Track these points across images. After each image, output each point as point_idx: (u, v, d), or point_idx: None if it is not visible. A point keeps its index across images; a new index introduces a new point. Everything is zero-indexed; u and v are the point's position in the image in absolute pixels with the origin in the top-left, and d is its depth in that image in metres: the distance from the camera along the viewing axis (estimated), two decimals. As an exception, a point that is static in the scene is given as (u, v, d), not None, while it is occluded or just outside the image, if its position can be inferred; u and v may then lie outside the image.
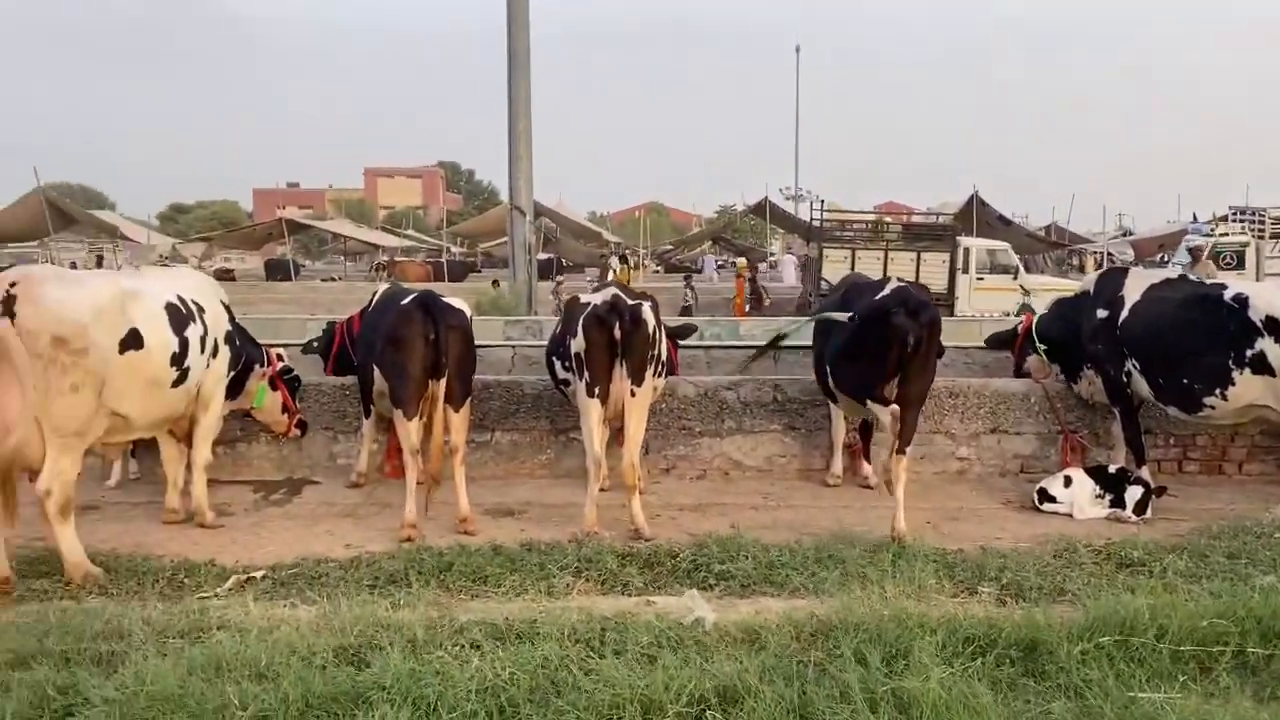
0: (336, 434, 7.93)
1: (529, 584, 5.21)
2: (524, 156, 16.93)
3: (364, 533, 6.37)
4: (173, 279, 6.31)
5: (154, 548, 5.98)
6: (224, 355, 6.44)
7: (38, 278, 5.20)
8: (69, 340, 5.14)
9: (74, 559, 5.30)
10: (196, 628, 4.53)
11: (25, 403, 5.06)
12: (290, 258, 44.07)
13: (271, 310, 19.90)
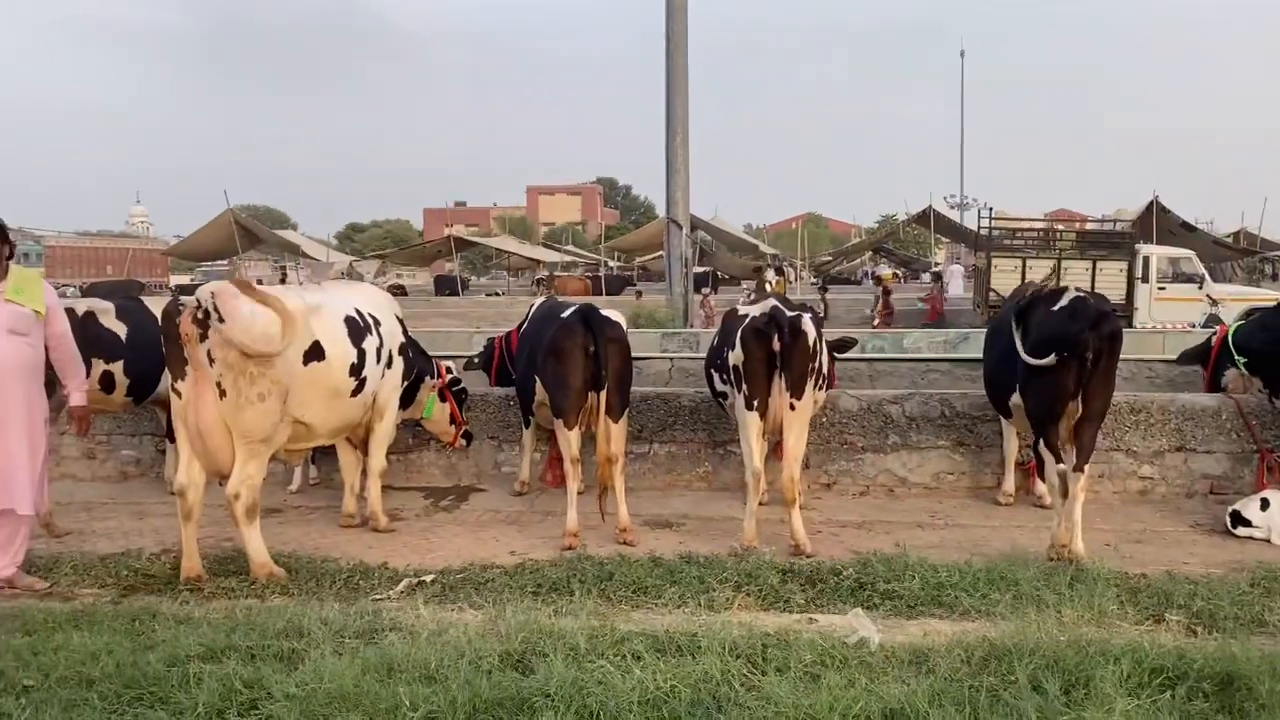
0: (501, 443, 8.13)
1: (689, 597, 5.18)
2: (681, 170, 17.05)
3: (528, 540, 6.50)
4: (351, 294, 6.60)
5: (331, 550, 6.26)
6: (398, 366, 6.69)
7: (230, 292, 5.53)
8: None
9: (259, 559, 5.60)
10: (370, 629, 4.69)
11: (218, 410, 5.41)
12: (457, 273, 45.65)
13: (440, 324, 20.64)
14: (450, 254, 44.87)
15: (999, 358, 6.70)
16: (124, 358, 7.12)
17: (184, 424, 5.56)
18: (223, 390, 5.42)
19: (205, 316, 5.38)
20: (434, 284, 46.06)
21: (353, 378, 6.06)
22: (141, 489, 8.08)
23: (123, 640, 4.47)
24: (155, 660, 4.18)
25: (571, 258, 58.15)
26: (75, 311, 6.93)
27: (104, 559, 5.96)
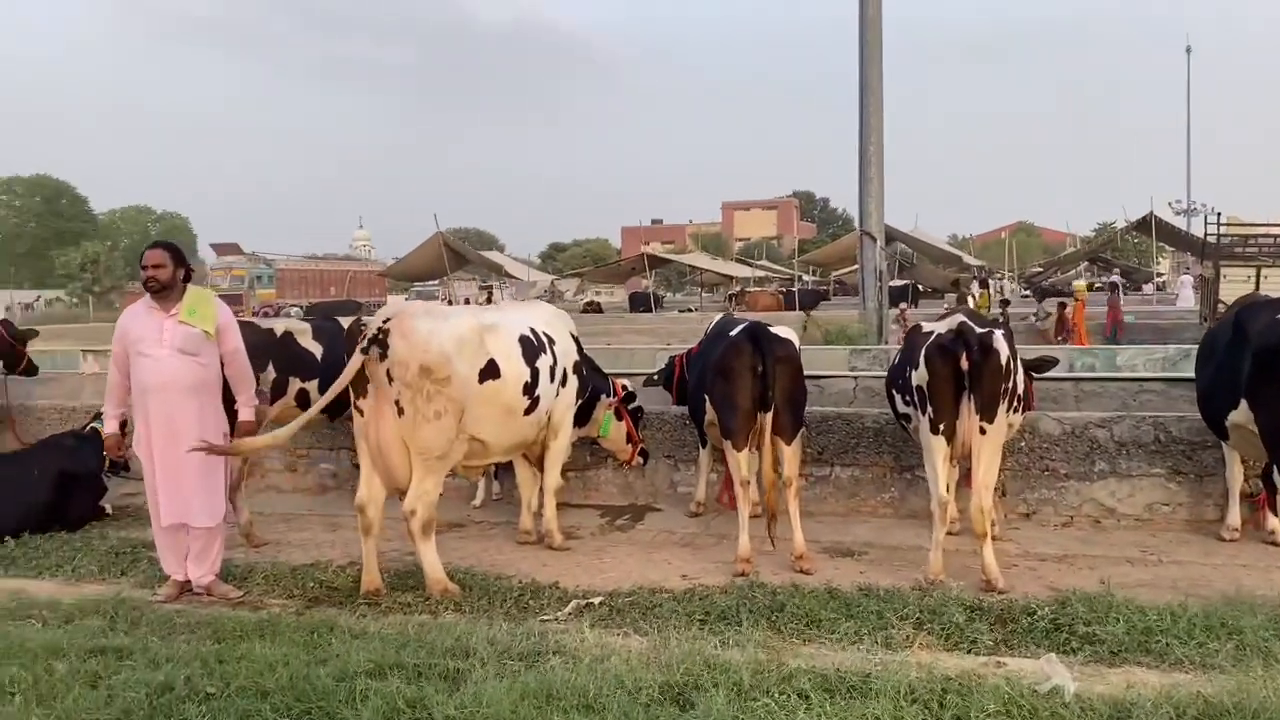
0: (677, 462, 8.02)
1: (864, 632, 4.88)
2: (874, 179, 16.52)
3: (700, 564, 6.34)
4: (527, 313, 6.66)
5: (506, 567, 6.30)
6: (572, 385, 6.69)
7: (409, 312, 5.66)
8: (434, 370, 5.55)
9: (434, 575, 5.68)
10: (535, 651, 4.64)
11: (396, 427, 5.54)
12: (652, 290, 46.18)
13: (630, 340, 20.86)
14: (645, 271, 45.45)
15: (1214, 372, 6.05)
16: (319, 376, 7.44)
17: (365, 441, 5.73)
18: (401, 408, 5.54)
19: (384, 336, 5.53)
20: (629, 301, 46.76)
21: (526, 396, 6.10)
22: (337, 501, 8.43)
23: (299, 652, 4.60)
24: (326, 675, 4.27)
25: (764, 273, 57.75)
26: (274, 331, 7.29)
27: (294, 570, 6.21)
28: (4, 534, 6.90)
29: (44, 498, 7.26)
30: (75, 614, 5.34)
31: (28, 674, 4.34)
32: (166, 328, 5.74)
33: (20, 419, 9.60)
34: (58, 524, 7.24)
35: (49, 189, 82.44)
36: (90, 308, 54.05)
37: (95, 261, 60.29)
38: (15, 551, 6.67)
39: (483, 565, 6.32)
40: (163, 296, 5.79)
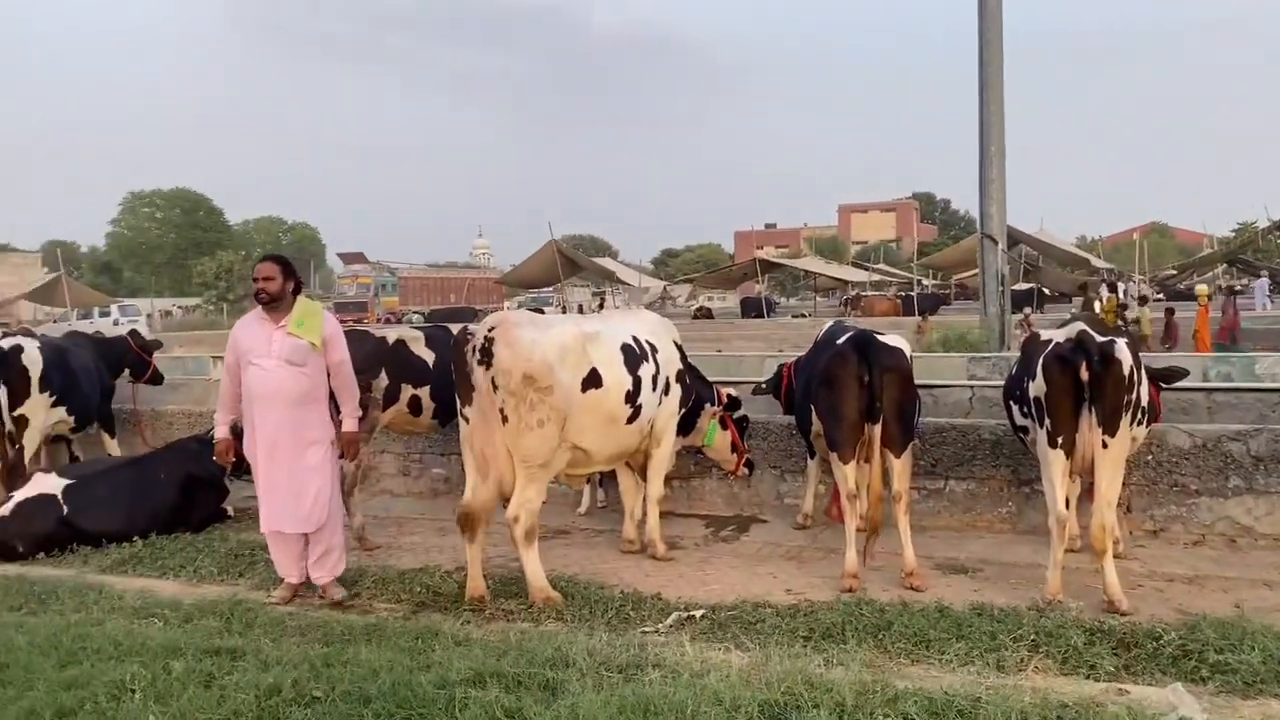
0: (784, 473, 7.88)
1: (976, 654, 4.68)
2: (995, 180, 16.00)
3: (805, 578, 6.21)
4: (630, 321, 6.64)
5: (609, 576, 6.28)
6: (675, 393, 6.63)
7: (512, 321, 5.70)
8: (537, 378, 5.57)
9: (537, 583, 5.70)
10: (634, 663, 4.59)
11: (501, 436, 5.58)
12: (764, 295, 45.82)
13: (740, 347, 20.71)
14: (757, 276, 45.14)
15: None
16: (431, 383, 7.57)
17: (470, 448, 5.78)
18: (505, 416, 5.58)
19: (489, 344, 5.58)
20: (740, 306, 46.51)
21: (629, 405, 6.07)
22: (448, 506, 8.52)
23: (403, 658, 4.66)
24: (427, 682, 4.29)
25: (881, 277, 56.70)
26: (387, 339, 7.45)
27: (402, 574, 6.32)
28: (133, 534, 7.22)
29: (170, 500, 7.58)
30: (194, 614, 5.53)
31: (147, 672, 4.49)
32: (275, 339, 5.90)
33: (150, 423, 10.07)
34: (182, 525, 7.54)
35: (188, 201, 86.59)
36: (225, 315, 56.55)
37: (229, 270, 63.03)
38: (142, 552, 6.97)
39: (586, 574, 6.32)
40: (273, 308, 5.96)
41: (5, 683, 4.50)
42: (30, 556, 6.93)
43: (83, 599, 5.86)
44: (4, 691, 4.40)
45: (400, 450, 9.09)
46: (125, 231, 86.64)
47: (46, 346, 8.62)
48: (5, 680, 4.53)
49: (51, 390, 8.41)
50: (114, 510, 7.30)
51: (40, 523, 7.05)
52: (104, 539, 7.14)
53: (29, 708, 4.19)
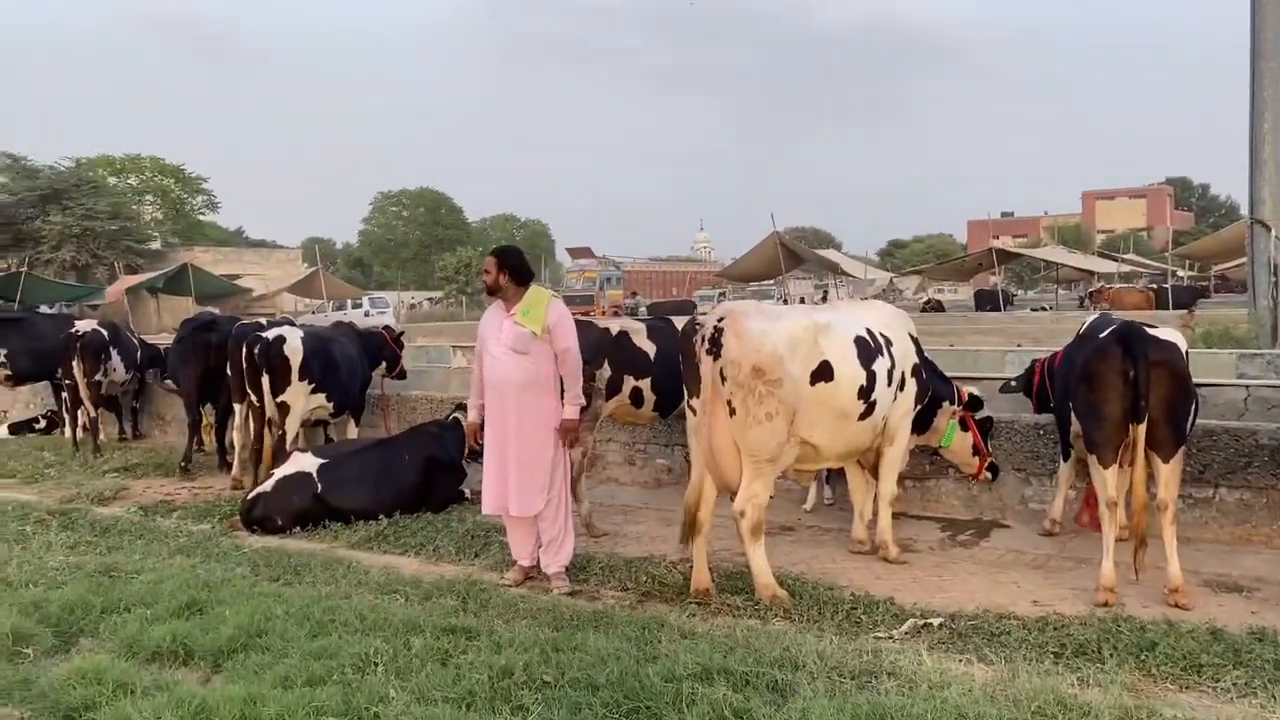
0: (1029, 476, 7.35)
1: (1259, 685, 4.17)
2: (1269, 162, 14.51)
3: (1053, 589, 5.75)
4: (863, 312, 6.36)
5: (838, 576, 6.06)
6: (911, 388, 6.30)
7: (741, 312, 5.56)
8: (766, 370, 5.42)
9: (763, 580, 5.55)
10: (867, 670, 4.38)
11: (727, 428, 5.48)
12: (1000, 287, 43.66)
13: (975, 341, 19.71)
14: (992, 267, 43.04)
15: None
16: (652, 374, 7.56)
17: (697, 440, 5.71)
18: (733, 408, 5.46)
19: (718, 335, 5.47)
20: (974, 299, 44.49)
21: (861, 400, 5.81)
22: (672, 496, 8.52)
23: (630, 648, 4.63)
24: (654, 674, 4.24)
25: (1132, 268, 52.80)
26: (610, 331, 7.49)
27: (629, 562, 6.33)
28: (379, 513, 7.61)
29: (413, 481, 7.94)
30: (433, 592, 5.74)
31: (389, 647, 4.68)
32: (505, 327, 6.06)
33: (395, 407, 10.62)
34: (423, 506, 7.88)
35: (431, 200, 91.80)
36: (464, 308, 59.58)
37: (468, 265, 66.28)
38: (387, 530, 7.32)
39: (813, 573, 6.12)
40: (504, 298, 6.14)
41: (264, 649, 4.80)
42: (288, 530, 7.43)
43: (333, 573, 6.21)
44: (262, 657, 4.69)
45: (625, 440, 9.17)
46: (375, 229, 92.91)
47: (309, 336, 9.18)
48: (264, 646, 4.83)
49: (311, 378, 8.95)
50: (362, 489, 7.72)
51: (297, 499, 7.55)
52: (352, 516, 7.56)
53: (283, 674, 4.43)
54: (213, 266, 44.23)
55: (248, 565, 6.42)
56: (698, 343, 5.56)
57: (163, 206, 64.15)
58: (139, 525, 7.69)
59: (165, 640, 4.88)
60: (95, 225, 46.12)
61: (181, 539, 7.22)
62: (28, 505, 8.39)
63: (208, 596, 5.57)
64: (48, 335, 12.34)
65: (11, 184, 46.90)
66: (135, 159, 63.82)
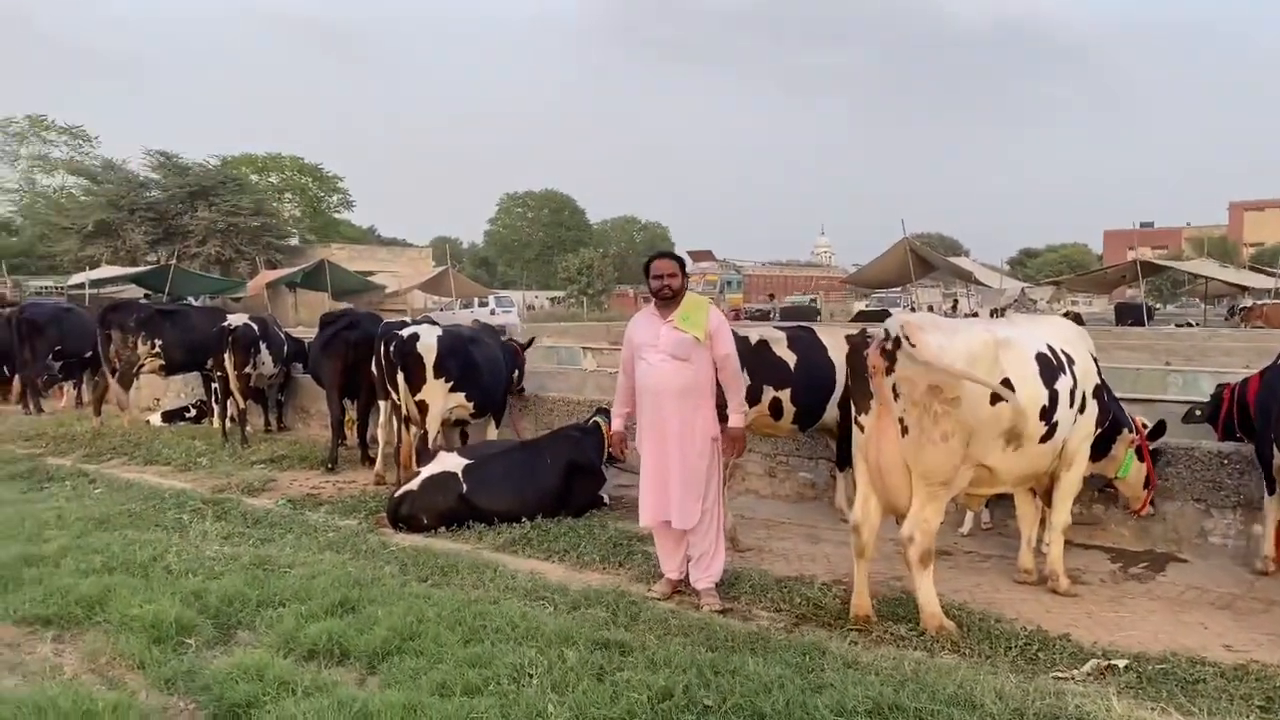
0: (1209, 508, 6.82)
1: None
2: None
3: (1246, 633, 5.30)
4: (1042, 327, 5.98)
5: (1004, 607, 5.71)
6: (1092, 411, 5.89)
7: (918, 325, 5.25)
8: (944, 388, 5.11)
9: (929, 609, 5.25)
10: (1051, 713, 4.06)
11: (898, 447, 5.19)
12: (1142, 301, 41.67)
13: (1122, 358, 18.74)
14: (1134, 279, 41.10)
15: None
16: (792, 386, 7.32)
17: (864, 458, 5.43)
18: (905, 427, 5.18)
19: (893, 349, 5.20)
20: (1114, 313, 42.54)
21: (1043, 421, 5.44)
22: (815, 511, 8.29)
23: (792, 675, 4.42)
24: (823, 706, 4.03)
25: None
26: (749, 340, 7.27)
27: (779, 581, 6.10)
28: (521, 515, 7.56)
29: (554, 485, 7.88)
30: (581, 602, 5.62)
31: (543, 659, 4.58)
32: (663, 333, 5.89)
33: (533, 409, 10.61)
34: (564, 510, 7.81)
35: (555, 202, 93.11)
36: (584, 308, 60.10)
37: (590, 267, 66.91)
38: (530, 533, 7.26)
39: (977, 602, 5.78)
40: (666, 303, 5.95)
41: (417, 652, 4.75)
42: (433, 529, 7.44)
43: (480, 575, 6.16)
44: (416, 661, 4.64)
45: (767, 451, 8.93)
46: (501, 229, 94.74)
47: (446, 335, 9.21)
48: (417, 650, 4.78)
49: (448, 377, 8.99)
50: (506, 491, 7.69)
51: (443, 498, 7.56)
52: (496, 517, 7.53)
53: (440, 681, 4.37)
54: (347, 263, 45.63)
55: (396, 564, 6.43)
56: (870, 356, 5.29)
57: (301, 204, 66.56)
58: (289, 518, 7.83)
59: (321, 639, 4.88)
60: (239, 221, 48.11)
61: (330, 534, 7.31)
62: (183, 494, 8.64)
63: (359, 595, 5.58)
64: (200, 328, 12.79)
65: (163, 181, 49.26)
66: (276, 158, 66.43)
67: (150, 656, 4.71)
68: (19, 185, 56.99)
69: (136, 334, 12.59)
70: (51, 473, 9.83)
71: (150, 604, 5.27)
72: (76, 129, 57.70)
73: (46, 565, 6.16)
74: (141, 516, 7.74)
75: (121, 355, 12.62)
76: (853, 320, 39.53)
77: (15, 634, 5.13)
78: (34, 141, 57.15)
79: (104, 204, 46.81)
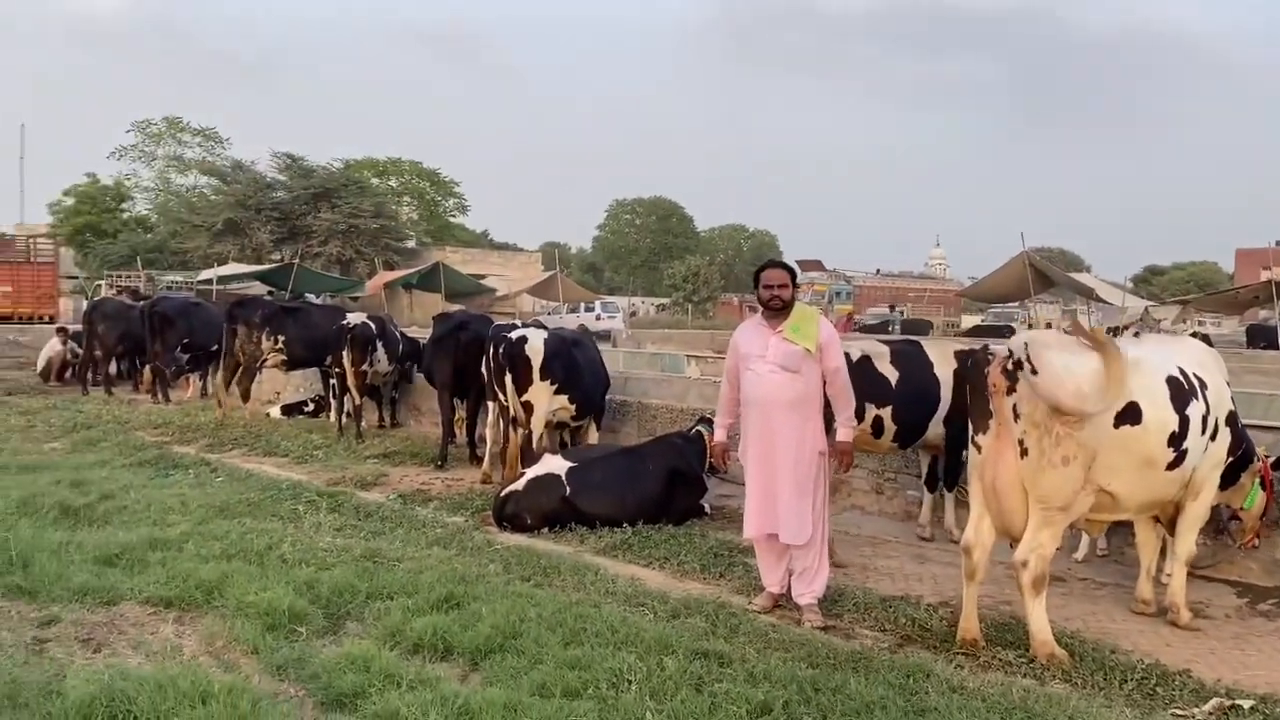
0: (1348, 545, 6.43)
1: None
2: None
3: (1390, 680, 4.97)
4: (1175, 349, 5.71)
5: (1120, 638, 5.49)
6: (1223, 439, 5.60)
7: (1042, 343, 5.06)
8: (1067, 410, 4.94)
9: (1041, 637, 5.07)
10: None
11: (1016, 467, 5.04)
12: (1276, 323, 39.59)
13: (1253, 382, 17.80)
14: (1268, 300, 39.06)
15: None
16: (894, 403, 7.18)
17: (979, 479, 5.28)
18: (1024, 449, 5.01)
19: (1016, 368, 5.03)
20: (1246, 335, 40.51)
21: (1171, 448, 5.18)
22: (922, 530, 8.11)
23: (896, 697, 4.34)
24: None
25: None
26: (851, 355, 7.14)
27: (883, 600, 5.98)
28: (622, 520, 7.59)
29: (656, 491, 7.89)
30: (681, 610, 5.60)
31: (643, 665, 4.57)
32: (771, 344, 5.83)
33: (637, 415, 10.65)
34: (665, 517, 7.81)
35: (663, 209, 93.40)
36: (688, 315, 60.11)
37: (696, 274, 66.89)
38: (631, 539, 7.28)
39: (1090, 632, 5.57)
40: (775, 314, 5.90)
41: (519, 651, 4.80)
42: (536, 529, 7.53)
43: (581, 578, 6.20)
44: (517, 661, 4.69)
45: (873, 466, 8.77)
46: (609, 235, 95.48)
47: (552, 338, 9.35)
48: (519, 649, 4.83)
49: (553, 379, 9.10)
50: (608, 495, 7.73)
51: (546, 500, 7.64)
52: (598, 521, 7.58)
53: (541, 681, 4.41)
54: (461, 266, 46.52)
55: (500, 562, 6.52)
56: (990, 374, 5.13)
57: (419, 207, 68.19)
58: (399, 513, 8.02)
59: (426, 633, 4.97)
60: (360, 223, 49.53)
61: (437, 530, 7.46)
62: (299, 485, 8.94)
63: (464, 591, 5.67)
64: (321, 325, 13.22)
65: (289, 182, 51.08)
66: (396, 162, 68.20)
67: (264, 642, 4.86)
68: (155, 184, 59.83)
69: (261, 329, 13.10)
70: (176, 460, 10.27)
71: (265, 591, 5.45)
72: (210, 130, 60.27)
73: (170, 549, 6.43)
74: (259, 506, 8.02)
75: (246, 349, 13.13)
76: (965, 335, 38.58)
77: (140, 613, 5.36)
78: (170, 142, 59.93)
79: (233, 203, 48.72)
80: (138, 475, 9.33)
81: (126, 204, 58.29)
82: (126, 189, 58.49)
